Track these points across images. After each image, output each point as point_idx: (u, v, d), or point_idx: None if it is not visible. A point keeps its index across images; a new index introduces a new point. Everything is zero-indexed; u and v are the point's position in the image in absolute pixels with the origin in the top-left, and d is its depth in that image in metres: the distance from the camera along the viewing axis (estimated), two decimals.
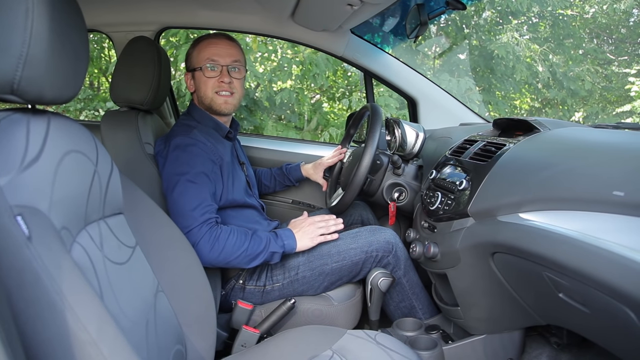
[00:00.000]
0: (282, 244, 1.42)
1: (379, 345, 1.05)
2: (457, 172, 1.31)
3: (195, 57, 1.55)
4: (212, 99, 1.53)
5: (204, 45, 1.54)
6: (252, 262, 1.38)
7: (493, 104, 6.43)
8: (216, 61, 1.52)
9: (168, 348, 0.91)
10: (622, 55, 7.51)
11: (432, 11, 1.70)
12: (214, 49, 1.52)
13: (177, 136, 1.44)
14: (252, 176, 1.78)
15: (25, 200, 0.62)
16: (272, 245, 1.40)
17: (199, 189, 1.36)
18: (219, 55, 1.52)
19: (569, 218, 0.84)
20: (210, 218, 1.35)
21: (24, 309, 0.55)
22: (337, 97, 5.74)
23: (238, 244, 1.35)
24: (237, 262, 1.36)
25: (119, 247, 0.86)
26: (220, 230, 1.35)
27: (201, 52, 1.53)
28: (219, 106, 1.54)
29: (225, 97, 1.54)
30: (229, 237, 1.35)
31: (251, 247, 1.37)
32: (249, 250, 1.36)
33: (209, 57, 1.51)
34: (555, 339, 1.29)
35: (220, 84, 1.52)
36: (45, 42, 0.65)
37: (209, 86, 1.52)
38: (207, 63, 1.51)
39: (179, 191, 1.35)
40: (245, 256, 1.36)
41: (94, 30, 2.05)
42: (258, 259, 1.38)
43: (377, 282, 1.42)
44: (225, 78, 1.52)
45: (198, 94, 1.56)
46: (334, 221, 1.51)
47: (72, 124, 0.79)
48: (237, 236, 1.36)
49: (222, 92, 1.53)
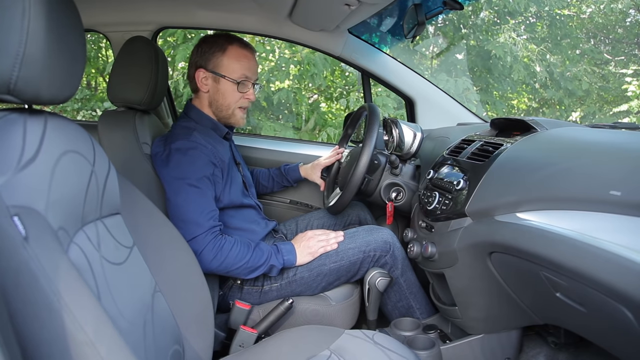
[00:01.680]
0: (282, 260, 1.44)
1: (376, 345, 1.05)
2: (455, 172, 1.31)
3: (227, 64, 1.49)
4: (233, 112, 1.54)
5: (238, 55, 1.50)
6: (251, 274, 1.40)
7: (490, 104, 6.44)
8: (250, 78, 1.52)
9: (166, 348, 0.91)
10: (619, 56, 7.53)
11: (429, 11, 1.70)
12: (249, 63, 1.51)
13: (178, 139, 1.43)
14: (249, 176, 1.78)
15: (21, 201, 0.62)
16: (272, 259, 1.42)
17: (202, 195, 1.36)
18: (251, 71, 1.52)
19: (566, 218, 0.84)
20: (214, 226, 1.36)
21: (20, 310, 0.55)
22: (334, 97, 5.74)
23: (240, 256, 1.36)
24: (236, 272, 1.38)
25: (116, 248, 0.86)
26: (224, 240, 1.36)
27: (235, 62, 1.49)
28: (237, 120, 1.56)
29: (243, 113, 1.56)
30: (232, 248, 1.36)
31: (252, 259, 1.38)
32: (250, 263, 1.38)
33: (244, 72, 1.50)
34: (553, 339, 1.29)
35: (246, 101, 1.54)
36: (42, 42, 0.65)
37: (235, 99, 1.52)
38: (243, 79, 1.50)
39: (183, 197, 1.35)
40: (246, 268, 1.38)
41: (91, 30, 2.05)
42: (257, 271, 1.40)
43: (375, 282, 1.42)
44: (252, 97, 1.53)
45: (215, 101, 1.53)
46: (334, 234, 1.52)
47: (69, 124, 0.78)
48: (240, 248, 1.37)
49: (244, 107, 1.55)
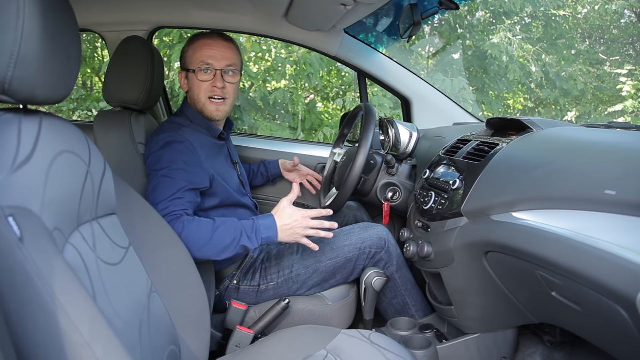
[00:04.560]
0: (259, 238, 1.31)
1: (373, 344, 1.05)
2: (451, 171, 1.31)
3: (190, 58, 1.50)
4: (204, 104, 1.50)
5: (199, 45, 1.49)
6: (222, 254, 1.29)
7: (487, 104, 6.45)
8: (210, 65, 1.47)
9: (162, 349, 0.90)
10: (614, 56, 7.56)
11: (425, 11, 1.70)
12: (209, 51, 1.48)
13: (164, 132, 1.42)
14: (245, 175, 1.78)
15: (16, 201, 0.61)
16: (243, 239, 1.29)
17: (171, 184, 1.31)
18: (213, 58, 1.48)
19: (561, 217, 0.85)
20: (173, 211, 1.28)
21: (15, 311, 0.55)
22: (331, 97, 5.73)
23: (198, 236, 1.26)
24: (202, 254, 1.26)
25: (112, 248, 0.85)
26: (182, 223, 1.26)
27: (196, 52, 1.49)
28: (211, 113, 1.51)
29: (217, 104, 1.51)
30: (187, 228, 1.25)
31: (216, 238, 1.27)
32: (213, 242, 1.27)
33: (203, 59, 1.47)
34: (549, 338, 1.30)
35: (213, 89, 1.49)
36: (37, 42, 0.65)
37: (202, 90, 1.49)
38: (201, 66, 1.47)
39: (152, 185, 1.33)
40: (211, 248, 1.27)
41: (86, 30, 2.04)
42: (227, 252, 1.29)
43: (372, 281, 1.42)
44: (218, 83, 1.48)
45: (191, 96, 1.53)
46: (328, 224, 1.38)
47: (64, 124, 0.78)
48: (197, 227, 1.27)
49: (215, 97, 1.50)
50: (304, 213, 1.35)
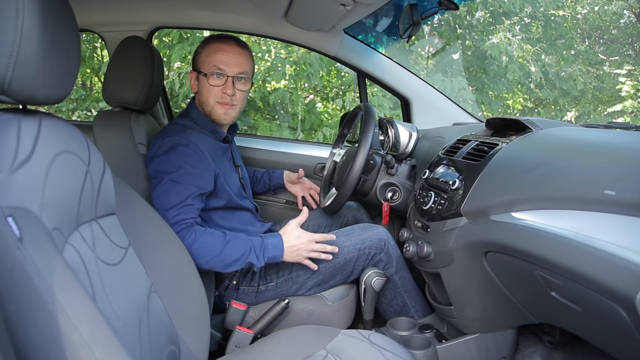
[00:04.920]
0: (266, 257, 1.36)
1: (372, 344, 1.05)
2: (450, 171, 1.31)
3: (203, 60, 1.49)
4: (213, 107, 1.50)
5: (214, 49, 1.48)
6: (228, 268, 1.34)
7: (486, 104, 6.45)
8: (223, 70, 1.46)
9: (161, 349, 0.90)
10: (613, 56, 7.58)
11: (424, 11, 1.70)
12: (223, 56, 1.47)
13: (170, 135, 1.42)
14: (247, 178, 1.78)
15: (16, 201, 0.61)
16: (251, 257, 1.34)
17: (180, 189, 1.32)
18: (226, 63, 1.46)
19: (561, 217, 0.85)
20: (185, 219, 1.30)
21: (15, 311, 0.55)
22: (330, 97, 5.73)
23: (209, 249, 1.29)
24: (209, 265, 1.31)
25: (111, 248, 0.85)
26: (193, 233, 1.29)
27: (209, 55, 1.48)
28: (219, 116, 1.51)
29: (226, 108, 1.50)
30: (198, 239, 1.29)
31: (225, 253, 1.32)
32: (222, 256, 1.31)
33: (216, 64, 1.46)
34: (548, 338, 1.30)
35: (223, 95, 1.48)
36: (36, 42, 0.64)
37: (212, 94, 1.48)
38: (213, 70, 1.46)
39: (160, 190, 1.33)
40: (219, 261, 1.31)
41: (86, 30, 2.04)
42: (234, 266, 1.33)
43: (371, 281, 1.42)
44: (228, 90, 1.47)
45: (199, 98, 1.53)
46: (330, 248, 1.44)
47: (63, 125, 0.78)
48: (209, 240, 1.31)
49: (224, 103, 1.50)
50: (309, 237, 1.41)
